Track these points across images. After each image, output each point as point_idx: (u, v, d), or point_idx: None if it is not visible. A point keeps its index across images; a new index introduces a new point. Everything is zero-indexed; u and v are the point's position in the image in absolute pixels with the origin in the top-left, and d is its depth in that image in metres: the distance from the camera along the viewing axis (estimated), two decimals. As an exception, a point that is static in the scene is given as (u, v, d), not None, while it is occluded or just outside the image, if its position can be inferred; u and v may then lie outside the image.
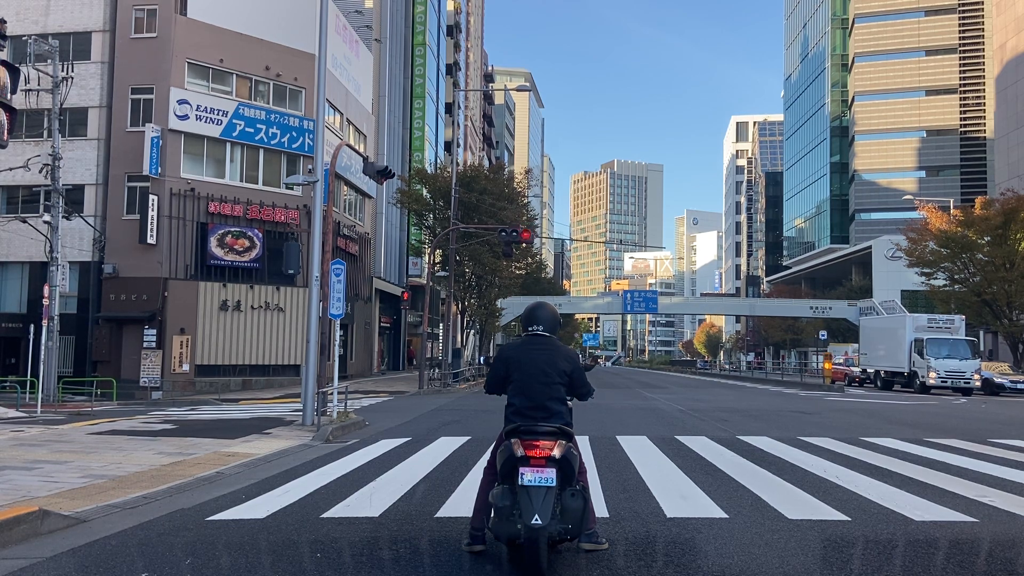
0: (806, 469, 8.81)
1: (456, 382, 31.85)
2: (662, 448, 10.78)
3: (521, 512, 4.30)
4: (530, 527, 4.22)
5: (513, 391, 4.80)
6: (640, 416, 16.98)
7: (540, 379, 4.74)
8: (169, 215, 27.82)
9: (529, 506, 4.28)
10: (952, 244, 40.22)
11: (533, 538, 4.23)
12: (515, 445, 4.50)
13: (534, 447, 4.44)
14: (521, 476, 4.39)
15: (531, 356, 4.82)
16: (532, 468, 4.39)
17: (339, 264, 14.93)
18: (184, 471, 8.84)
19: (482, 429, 13.85)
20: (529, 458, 4.41)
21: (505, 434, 4.70)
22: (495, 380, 5.04)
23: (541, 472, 4.39)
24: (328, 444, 11.89)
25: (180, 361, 27.77)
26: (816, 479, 8.15)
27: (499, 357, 5.03)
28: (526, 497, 4.32)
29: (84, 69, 28.53)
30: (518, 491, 4.37)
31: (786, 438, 12.04)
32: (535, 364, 4.78)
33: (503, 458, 4.56)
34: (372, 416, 17.14)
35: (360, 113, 37.68)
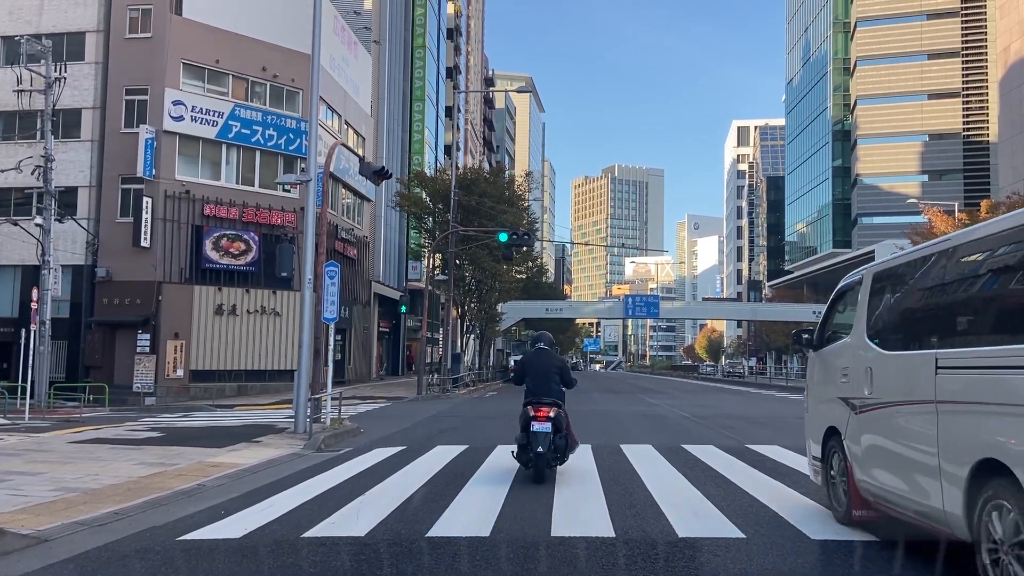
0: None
1: (456, 387, 31.34)
2: (669, 458, 10.28)
3: (531, 446, 7.98)
4: (537, 454, 7.92)
5: (528, 381, 8.55)
6: (644, 423, 16.47)
7: (543, 373, 8.49)
8: (163, 218, 27.34)
9: (536, 442, 7.94)
10: (958, 248, 39.68)
11: (538, 461, 7.96)
12: (529, 409, 8.22)
13: (539, 410, 8.15)
14: (532, 426, 8.01)
15: (539, 361, 8.70)
16: (538, 421, 8.02)
17: (333, 266, 14.45)
18: (163, 483, 8.34)
19: (481, 436, 13.35)
20: (536, 416, 8.07)
21: (524, 404, 8.41)
22: (519, 375, 8.90)
23: (543, 424, 8.01)
24: (320, 453, 11.40)
25: (174, 366, 27.26)
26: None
27: (520, 362, 9.13)
28: (535, 438, 7.97)
29: (78, 70, 28.09)
30: (531, 435, 8.00)
31: (798, 447, 11.50)
32: (541, 366, 8.61)
33: (522, 418, 8.32)
34: (368, 423, 16.64)
35: (359, 115, 37.25)
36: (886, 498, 5.25)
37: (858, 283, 6.16)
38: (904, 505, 4.97)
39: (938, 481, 4.45)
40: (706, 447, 11.49)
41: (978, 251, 4.49)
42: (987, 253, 4.37)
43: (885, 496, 5.26)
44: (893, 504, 5.16)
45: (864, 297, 5.92)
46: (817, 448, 6.66)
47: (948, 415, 4.40)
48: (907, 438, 4.93)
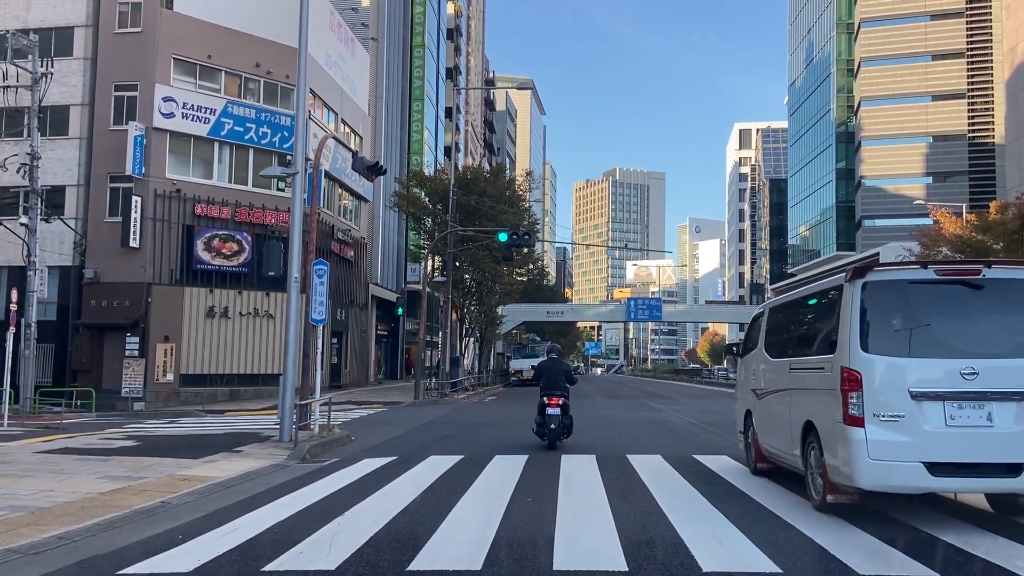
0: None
1: (454, 392, 30.51)
2: (681, 470, 9.45)
3: (547, 424, 11.76)
4: (550, 429, 11.72)
5: (543, 379, 12.25)
6: (650, 430, 15.64)
7: (554, 374, 12.21)
8: (153, 217, 26.54)
9: (550, 421, 11.73)
10: (968, 249, 38.89)
11: (551, 434, 11.78)
12: (545, 399, 11.89)
13: (552, 399, 11.83)
14: (546, 409, 11.79)
15: (551, 365, 12.48)
16: (551, 407, 11.76)
17: (322, 265, 13.65)
18: (123, 501, 7.53)
19: (477, 445, 12.53)
20: (549, 404, 11.80)
21: (540, 396, 12.07)
22: (537, 375, 12.73)
23: (554, 409, 11.74)
24: (304, 464, 10.59)
25: (164, 370, 26.44)
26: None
27: (538, 367, 13.22)
28: (549, 418, 11.76)
29: (66, 65, 27.32)
30: (546, 416, 11.78)
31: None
32: (552, 369, 12.35)
33: (540, 405, 11.97)
34: (360, 430, 15.82)
35: (356, 113, 36.48)
36: (773, 452, 8.38)
37: (761, 313, 9.29)
38: (781, 455, 8.05)
39: (792, 437, 7.50)
40: (719, 458, 10.67)
41: (800, 304, 8.17)
42: (800, 305, 8.14)
43: (772, 451, 8.40)
44: (776, 455, 8.27)
45: (763, 322, 9.07)
46: (740, 424, 9.87)
47: (793, 396, 7.63)
48: (779, 412, 8.08)
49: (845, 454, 6.20)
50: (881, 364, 6.20)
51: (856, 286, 6.48)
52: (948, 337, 6.30)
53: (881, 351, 6.24)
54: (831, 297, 7.10)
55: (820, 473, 6.70)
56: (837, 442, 6.35)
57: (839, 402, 6.32)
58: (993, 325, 6.43)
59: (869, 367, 6.20)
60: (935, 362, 6.18)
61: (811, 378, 7.12)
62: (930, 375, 6.14)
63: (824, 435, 6.65)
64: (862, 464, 6.04)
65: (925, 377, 6.13)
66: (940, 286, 6.51)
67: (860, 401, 6.16)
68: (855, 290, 6.46)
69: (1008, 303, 6.44)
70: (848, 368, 6.28)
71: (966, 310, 6.49)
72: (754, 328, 9.39)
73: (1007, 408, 6.04)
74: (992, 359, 6.13)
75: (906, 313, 6.44)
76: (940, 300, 6.47)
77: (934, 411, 6.05)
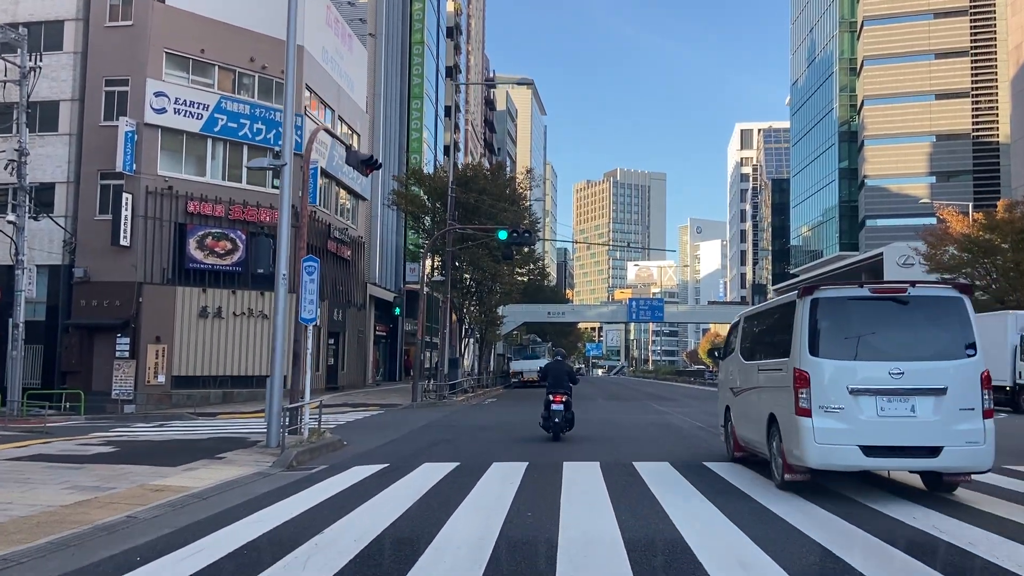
0: (887, 514, 6.83)
1: (453, 394, 29.84)
2: (692, 480, 8.80)
3: (551, 418, 13.32)
4: (553, 424, 13.29)
5: (549, 379, 13.70)
6: (655, 434, 14.99)
7: (558, 375, 13.70)
8: (144, 215, 25.90)
9: (554, 416, 13.28)
10: (975, 248, 38.24)
11: (555, 427, 13.33)
12: (550, 396, 13.39)
13: (556, 396, 13.36)
14: (551, 405, 13.31)
15: (556, 367, 14.03)
16: (555, 403, 13.30)
17: (312, 261, 13.01)
18: (85, 515, 6.89)
19: (475, 451, 11.88)
20: (554, 400, 13.33)
21: (546, 394, 13.53)
22: (543, 377, 14.16)
23: (558, 405, 13.29)
24: (289, 472, 9.95)
25: (155, 372, 25.79)
26: (909, 531, 6.17)
27: (544, 368, 14.64)
28: (554, 413, 13.30)
29: (56, 60, 26.70)
30: (551, 411, 13.31)
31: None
32: (557, 370, 13.88)
33: (546, 401, 13.48)
34: (353, 434, 15.19)
35: (353, 110, 35.83)
36: (747, 442, 9.68)
37: (738, 322, 10.64)
38: (753, 444, 9.27)
39: (760, 428, 8.61)
40: (731, 466, 10.01)
41: (765, 316, 9.47)
42: (765, 317, 9.44)
43: (746, 441, 9.68)
44: (749, 444, 9.54)
45: (738, 329, 10.47)
46: (721, 419, 11.31)
47: (761, 393, 8.84)
48: (750, 407, 9.32)
49: (797, 439, 7.46)
50: (825, 365, 7.44)
51: (806, 302, 7.73)
52: (880, 343, 7.54)
53: (826, 355, 7.49)
54: (788, 310, 8.24)
55: (779, 456, 7.98)
56: (791, 430, 7.59)
57: (792, 397, 7.55)
58: (916, 334, 7.63)
59: (816, 368, 7.45)
60: (869, 364, 7.41)
61: (773, 377, 8.41)
62: (865, 374, 7.35)
63: (782, 424, 7.92)
64: (810, 447, 7.31)
65: (861, 376, 7.35)
66: (874, 302, 7.71)
67: (808, 396, 7.40)
68: (805, 305, 7.72)
69: (928, 316, 7.68)
70: (799, 368, 7.56)
71: (894, 321, 7.65)
72: (732, 335, 10.93)
73: (927, 401, 7.25)
74: (915, 361, 7.36)
75: (846, 324, 7.68)
76: (874, 313, 7.68)
77: (868, 404, 7.27)
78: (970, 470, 7.39)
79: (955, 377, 7.28)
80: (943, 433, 7.17)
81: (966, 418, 7.20)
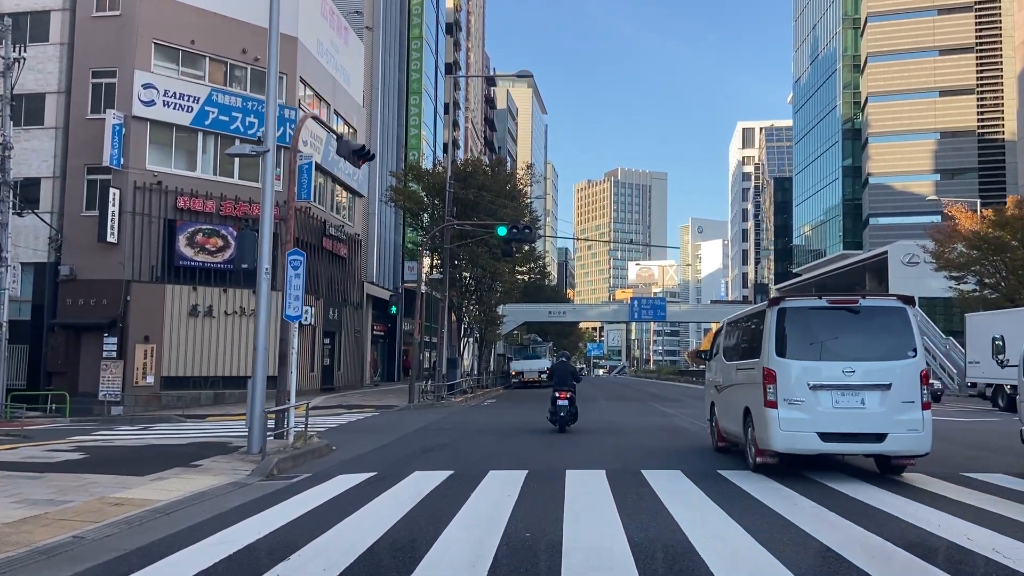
0: (926, 529, 6.04)
1: (451, 395, 29.03)
2: (708, 491, 7.99)
3: (557, 412, 15.37)
4: (559, 418, 15.36)
5: (555, 377, 16.02)
6: (663, 439, 14.19)
7: (563, 374, 15.88)
8: (132, 211, 25.11)
9: (560, 410, 15.35)
10: (984, 245, 37.45)
11: (561, 421, 15.38)
12: (556, 393, 15.45)
13: (562, 392, 15.43)
14: (557, 401, 15.39)
15: (561, 366, 16.36)
16: (560, 398, 15.37)
17: (297, 255, 12.21)
18: (27, 535, 6.09)
19: (471, 457, 11.08)
20: (559, 396, 15.39)
21: (552, 391, 15.66)
22: (551, 376, 20.39)
23: (564, 400, 15.36)
24: (268, 481, 9.15)
25: (144, 372, 24.99)
26: (952, 549, 5.36)
27: (551, 368, 23.37)
28: (559, 407, 15.37)
29: (42, 52, 25.93)
30: (557, 406, 15.38)
31: (870, 476, 9.20)
32: (562, 369, 16.18)
33: (552, 398, 15.53)
34: (344, 438, 14.39)
35: (349, 105, 35.03)
36: (728, 433, 10.89)
37: (722, 328, 11.87)
38: (733, 434, 10.47)
39: (737, 419, 9.90)
40: (748, 475, 9.21)
41: (742, 322, 10.68)
42: (742, 323, 10.65)
43: (727, 432, 10.90)
44: (730, 435, 10.73)
45: (722, 333, 11.74)
46: (707, 414, 12.37)
47: (739, 389, 10.08)
48: (730, 402, 10.55)
49: (765, 428, 8.64)
50: (789, 365, 8.61)
51: (774, 311, 8.92)
52: (835, 346, 8.69)
53: (790, 356, 8.67)
54: (759, 318, 9.48)
55: (753, 444, 9.17)
56: (761, 420, 8.78)
57: (761, 391, 8.71)
58: (865, 338, 8.78)
59: (781, 367, 8.63)
60: (826, 363, 8.57)
61: (748, 375, 9.59)
62: (823, 372, 8.52)
63: (754, 415, 9.12)
64: (776, 434, 8.50)
65: (819, 374, 8.51)
66: (830, 311, 8.86)
67: (775, 390, 8.55)
68: (773, 314, 8.90)
69: (877, 323, 8.81)
70: (767, 367, 8.75)
71: (848, 328, 8.82)
72: (716, 338, 12.40)
73: (874, 395, 8.43)
74: (865, 361, 8.53)
75: (807, 330, 8.85)
76: (830, 321, 8.88)
77: (825, 397, 8.44)
78: (911, 453, 8.60)
79: (898, 375, 8.48)
80: (888, 422, 8.37)
81: (907, 409, 8.41)
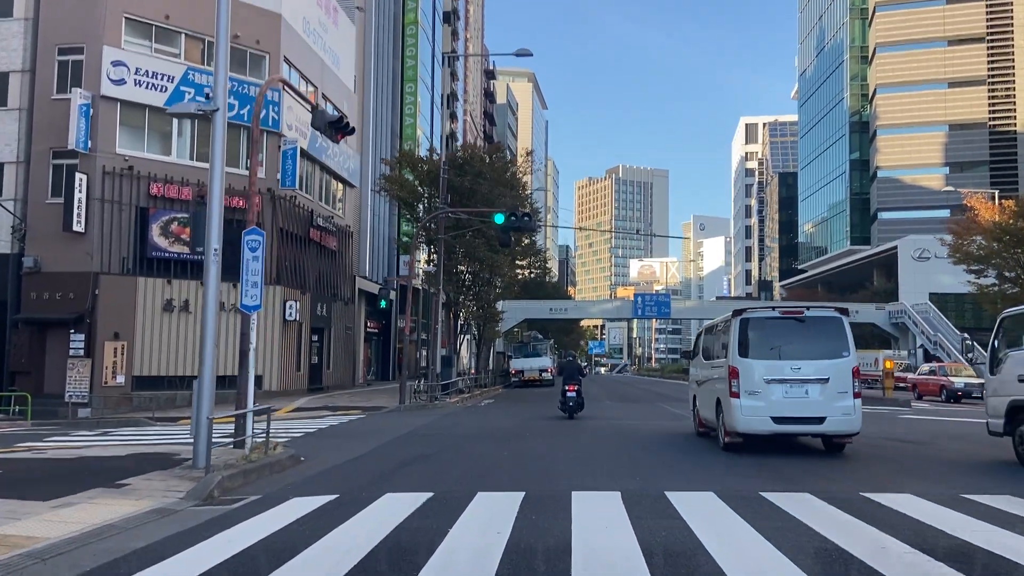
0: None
1: (446, 395, 27.20)
2: (753, 522, 6.18)
3: (567, 402, 18.86)
4: (569, 407, 18.85)
5: (564, 373, 19.52)
6: (683, 447, 12.38)
7: (571, 370, 19.39)
8: (101, 198, 23.33)
9: (568, 400, 18.85)
10: (1007, 237, 35.69)
11: (570, 410, 18.82)
12: (565, 387, 19.00)
13: (571, 385, 18.92)
14: (567, 393, 18.94)
15: (569, 364, 19.85)
16: (569, 391, 18.88)
17: (255, 235, 10.46)
18: None
19: (457, 473, 9.29)
20: (568, 389, 18.92)
21: (562, 384, 19.17)
22: (560, 372, 20.52)
23: (572, 392, 18.85)
24: (203, 507, 7.37)
25: (113, 372, 23.22)
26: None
27: (560, 364, 26.80)
28: (568, 398, 18.88)
29: (5, 28, 24.15)
30: (566, 397, 18.93)
31: (945, 497, 7.41)
32: (571, 367, 19.63)
33: (562, 391, 19.16)
34: (317, 446, 12.63)
35: (339, 89, 33.21)
36: (705, 420, 12.93)
37: (701, 332, 14.89)
38: (709, 422, 12.49)
39: (712, 408, 11.89)
40: (801, 496, 7.40)
41: (715, 328, 12.96)
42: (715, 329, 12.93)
43: (705, 419, 12.96)
44: (707, 422, 12.74)
45: (701, 337, 14.53)
46: (691, 405, 14.74)
47: (713, 383, 12.09)
48: (707, 394, 12.55)
49: (730, 414, 10.78)
50: (749, 363, 10.73)
51: (737, 319, 10.99)
52: (785, 348, 10.79)
53: (750, 356, 10.79)
54: (727, 325, 11.42)
55: (723, 428, 11.21)
56: (727, 407, 10.89)
57: (727, 385, 10.83)
58: (809, 341, 10.82)
59: (743, 365, 10.75)
60: (778, 362, 10.70)
61: (719, 372, 11.53)
62: (775, 369, 10.64)
63: (723, 404, 11.15)
64: (739, 419, 10.65)
65: (772, 370, 10.63)
66: (782, 319, 11.12)
67: (738, 384, 10.65)
68: (736, 322, 10.97)
69: (817, 330, 10.91)
70: (732, 365, 10.84)
71: (795, 333, 10.95)
72: (698, 341, 14.74)
73: (816, 387, 10.53)
74: (808, 360, 10.61)
75: (763, 335, 10.95)
76: (782, 327, 11.09)
77: (777, 389, 10.56)
78: (846, 433, 10.64)
79: (835, 371, 10.48)
80: (826, 408, 10.40)
81: (842, 398, 10.42)
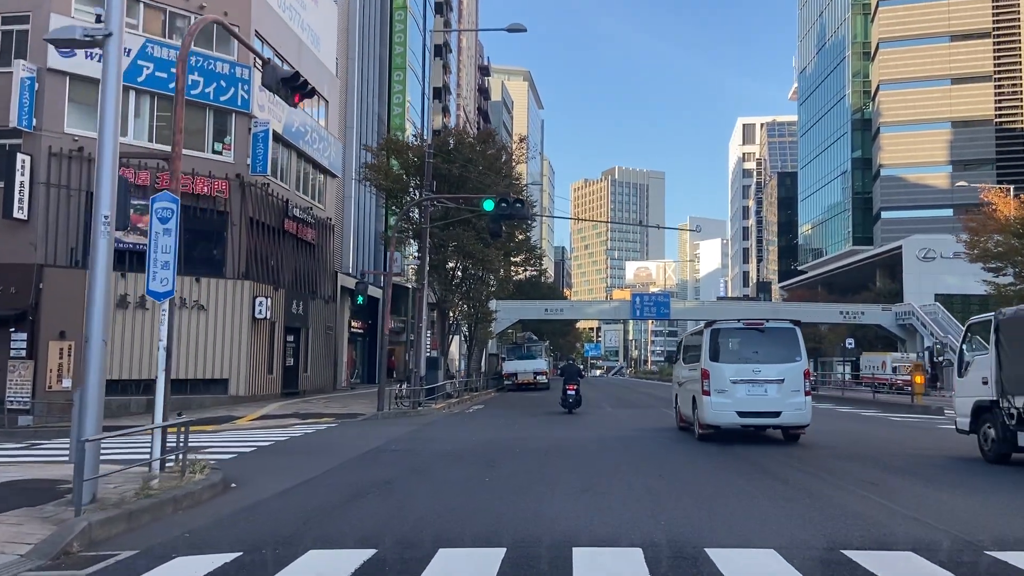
0: None
1: (432, 400, 24.87)
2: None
3: (567, 400, 22.36)
4: (569, 403, 22.35)
5: (565, 376, 23.83)
6: (707, 467, 10.12)
7: (571, 372, 23.58)
8: (47, 182, 21.01)
9: (568, 398, 22.38)
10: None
11: (570, 406, 22.33)
12: (566, 386, 22.62)
13: (571, 385, 22.62)
14: (567, 391, 22.50)
15: (569, 368, 24.23)
16: (569, 390, 22.48)
17: (168, 202, 8.18)
18: None
19: (418, 514, 6.99)
20: (568, 389, 22.56)
21: (563, 384, 22.96)
22: (561, 373, 26.43)
23: (572, 391, 22.44)
24: (47, 573, 5.08)
25: (59, 375, 20.89)
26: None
27: (561, 368, 31.07)
28: (568, 395, 22.43)
29: (-56, -6, 21.83)
30: (566, 395, 22.50)
31: None
32: (571, 369, 23.98)
33: (563, 389, 22.70)
34: (261, 466, 10.35)
35: (319, 72, 30.84)
36: (684, 416, 15.62)
37: (682, 340, 20.03)
38: (687, 418, 15.18)
39: (689, 405, 14.84)
40: (907, 556, 5.15)
41: (693, 336, 16.56)
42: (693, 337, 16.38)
43: (684, 416, 15.65)
44: (686, 418, 15.41)
45: (682, 344, 18.27)
46: (673, 404, 17.39)
47: (690, 384, 14.92)
48: (686, 394, 15.38)
49: (703, 409, 13.47)
50: (718, 367, 13.43)
51: (709, 330, 13.97)
52: (748, 355, 13.65)
53: (719, 360, 13.53)
54: (701, 334, 14.52)
55: (697, 421, 13.97)
56: (701, 404, 13.54)
57: (700, 384, 13.51)
58: (768, 349, 13.60)
59: (713, 368, 13.42)
60: (742, 366, 13.44)
61: (695, 374, 14.25)
62: (740, 372, 13.32)
63: (697, 401, 13.85)
64: (709, 413, 13.34)
65: (737, 373, 13.30)
66: (745, 330, 14.03)
67: (709, 384, 13.33)
68: (708, 332, 13.93)
69: (775, 339, 13.71)
70: (704, 368, 13.53)
71: (756, 342, 13.78)
72: (679, 347, 18.52)
73: (773, 386, 13.15)
74: (767, 364, 13.31)
75: (730, 343, 13.90)
76: (745, 337, 13.99)
77: (741, 388, 13.19)
78: (799, 425, 13.43)
79: (789, 373, 13.24)
80: (782, 404, 13.13)
81: (795, 396, 13.16)
